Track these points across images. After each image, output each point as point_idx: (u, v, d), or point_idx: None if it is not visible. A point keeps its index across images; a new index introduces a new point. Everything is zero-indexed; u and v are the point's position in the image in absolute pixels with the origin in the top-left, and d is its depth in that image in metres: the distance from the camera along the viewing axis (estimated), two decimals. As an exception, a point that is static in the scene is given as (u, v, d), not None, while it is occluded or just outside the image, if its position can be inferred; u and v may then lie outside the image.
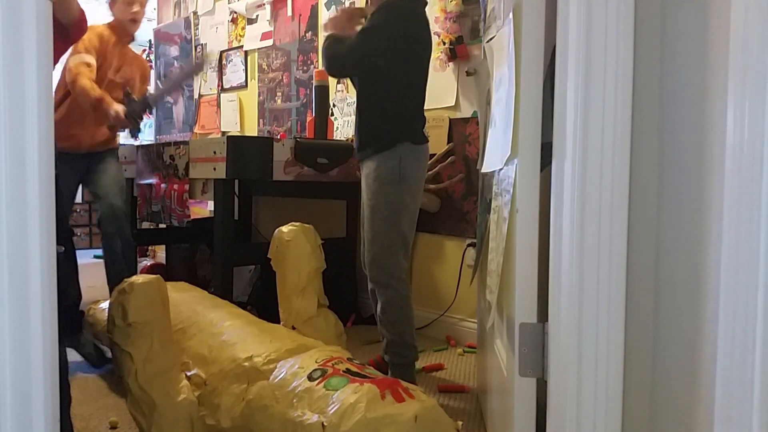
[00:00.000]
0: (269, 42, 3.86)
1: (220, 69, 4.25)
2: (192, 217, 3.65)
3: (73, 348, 2.27)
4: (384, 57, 1.95)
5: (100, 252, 4.84)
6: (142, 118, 2.66)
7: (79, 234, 5.52)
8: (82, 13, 2.10)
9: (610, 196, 1.00)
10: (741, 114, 0.74)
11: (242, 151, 2.53)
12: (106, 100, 2.56)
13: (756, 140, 0.72)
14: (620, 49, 0.99)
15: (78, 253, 2.74)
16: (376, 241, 1.95)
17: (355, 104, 2.11)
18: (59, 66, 2.58)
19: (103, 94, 2.58)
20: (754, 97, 0.72)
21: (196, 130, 4.52)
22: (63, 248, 1.07)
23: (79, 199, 3.35)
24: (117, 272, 2.57)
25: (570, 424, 1.04)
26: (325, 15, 3.43)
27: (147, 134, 4.97)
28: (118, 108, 2.57)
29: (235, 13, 4.10)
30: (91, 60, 2.65)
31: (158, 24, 4.97)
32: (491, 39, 1.66)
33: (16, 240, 0.84)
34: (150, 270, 3.65)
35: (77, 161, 2.70)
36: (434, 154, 2.70)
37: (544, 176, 1.18)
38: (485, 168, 1.69)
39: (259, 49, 3.95)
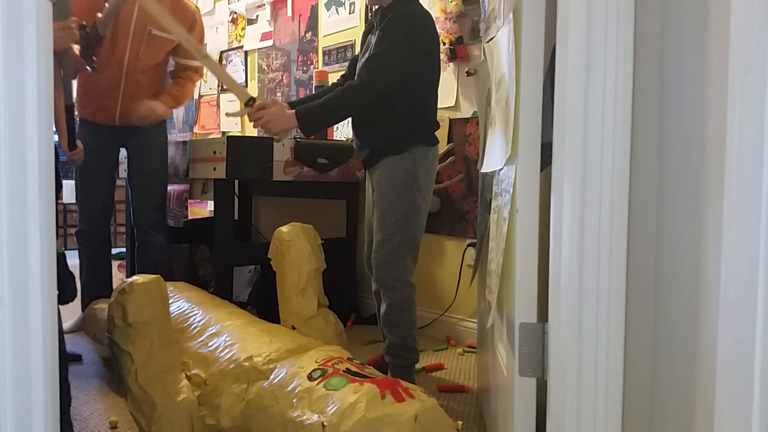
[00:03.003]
0: (269, 42, 3.86)
1: (220, 69, 4.25)
2: (191, 217, 3.66)
3: None
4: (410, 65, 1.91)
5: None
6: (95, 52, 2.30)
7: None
8: None
9: (610, 196, 1.00)
10: (741, 113, 0.74)
11: (242, 151, 2.53)
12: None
13: (756, 140, 0.72)
14: (620, 49, 0.99)
15: (78, 253, 2.73)
16: (386, 243, 1.93)
17: None
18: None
19: None
20: (755, 96, 0.72)
21: (196, 130, 4.52)
22: (63, 248, 1.07)
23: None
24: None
25: (570, 424, 1.04)
26: (325, 15, 3.43)
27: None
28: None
29: (235, 13, 4.10)
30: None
31: (158, 24, 4.97)
32: (491, 39, 1.66)
33: (16, 240, 0.84)
34: (150, 270, 3.64)
35: (114, 133, 2.55)
36: (434, 154, 2.70)
37: (544, 176, 1.18)
38: (485, 168, 1.69)
39: (259, 49, 3.95)
